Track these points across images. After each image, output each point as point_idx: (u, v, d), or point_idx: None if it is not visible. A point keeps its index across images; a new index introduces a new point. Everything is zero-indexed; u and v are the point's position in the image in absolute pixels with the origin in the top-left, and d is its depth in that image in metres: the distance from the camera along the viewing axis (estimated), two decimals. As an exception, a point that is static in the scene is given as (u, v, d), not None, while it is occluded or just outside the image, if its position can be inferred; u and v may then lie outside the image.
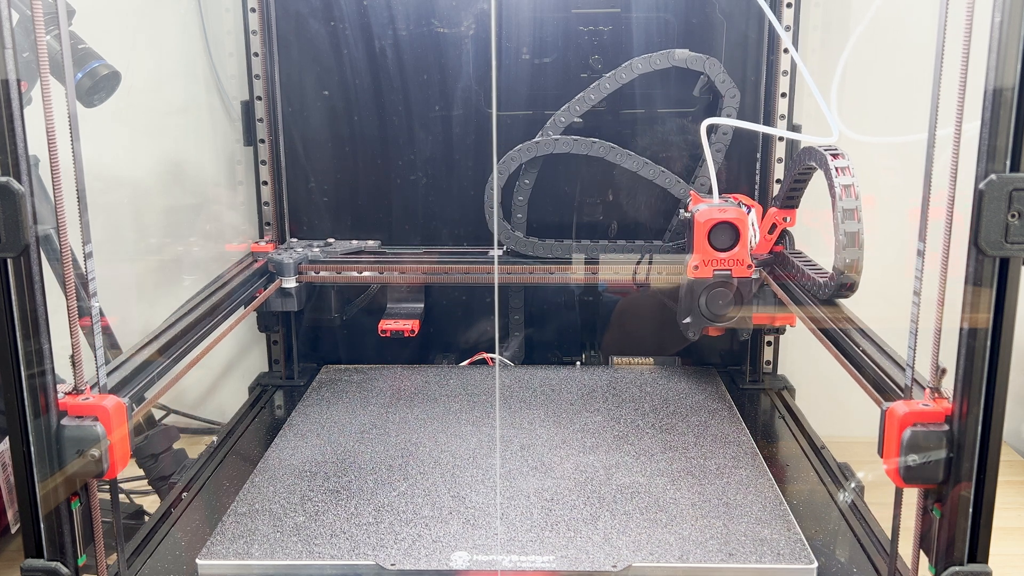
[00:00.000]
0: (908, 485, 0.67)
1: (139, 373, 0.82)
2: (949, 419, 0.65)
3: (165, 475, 1.12)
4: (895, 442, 0.66)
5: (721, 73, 1.21)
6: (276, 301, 1.25)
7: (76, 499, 0.68)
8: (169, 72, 1.37)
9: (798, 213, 1.19)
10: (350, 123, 1.30)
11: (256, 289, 1.21)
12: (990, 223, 0.59)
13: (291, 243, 1.32)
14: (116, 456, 0.68)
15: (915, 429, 0.65)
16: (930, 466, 0.65)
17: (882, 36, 1.35)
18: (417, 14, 1.25)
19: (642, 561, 0.77)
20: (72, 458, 0.67)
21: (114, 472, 0.68)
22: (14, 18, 0.60)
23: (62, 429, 0.66)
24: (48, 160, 0.62)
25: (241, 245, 1.32)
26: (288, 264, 1.23)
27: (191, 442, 1.32)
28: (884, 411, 0.68)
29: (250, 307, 1.17)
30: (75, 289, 0.67)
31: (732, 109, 1.23)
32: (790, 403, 1.23)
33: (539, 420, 1.07)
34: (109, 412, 0.68)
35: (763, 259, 1.21)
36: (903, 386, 0.72)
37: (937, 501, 0.67)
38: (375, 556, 0.78)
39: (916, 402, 0.67)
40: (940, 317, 0.64)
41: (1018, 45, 0.57)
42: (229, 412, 1.25)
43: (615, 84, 1.22)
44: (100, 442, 0.67)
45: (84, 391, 0.69)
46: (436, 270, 1.24)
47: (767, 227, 1.21)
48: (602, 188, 1.30)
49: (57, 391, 0.67)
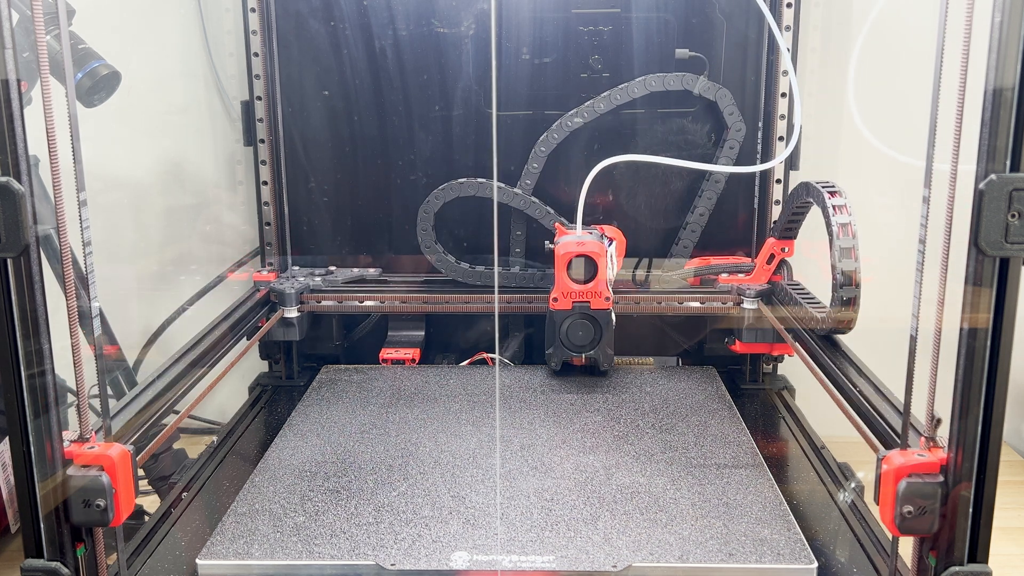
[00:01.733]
0: (903, 535, 0.67)
1: (143, 415, 0.83)
2: (944, 469, 0.66)
3: (165, 475, 1.12)
4: (891, 492, 0.66)
5: (731, 105, 1.23)
6: (278, 331, 1.26)
7: (81, 546, 0.68)
8: (169, 72, 1.37)
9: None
10: (350, 123, 1.30)
11: (259, 319, 1.21)
12: (990, 223, 0.59)
13: (292, 272, 1.33)
14: (121, 504, 0.68)
15: (910, 480, 0.66)
16: (925, 516, 0.65)
17: (881, 36, 1.35)
18: (417, 14, 1.25)
19: (642, 561, 0.77)
20: (79, 507, 0.67)
21: (119, 520, 0.68)
22: (14, 18, 0.60)
23: (68, 479, 0.66)
24: (48, 160, 0.62)
25: (243, 274, 1.33)
26: (290, 294, 1.24)
27: (191, 442, 1.32)
28: (880, 459, 0.69)
29: (254, 338, 1.18)
30: (75, 289, 0.67)
31: (736, 142, 1.24)
32: (790, 403, 1.23)
33: (539, 420, 1.07)
34: (115, 462, 0.67)
35: (760, 289, 1.22)
36: (899, 431, 0.73)
37: (932, 549, 0.67)
38: (375, 556, 0.78)
39: (911, 452, 0.68)
40: (940, 318, 0.64)
41: (1018, 45, 0.57)
42: (229, 412, 1.25)
43: (626, 97, 1.23)
44: (106, 492, 0.66)
45: (90, 439, 0.69)
46: (436, 299, 1.26)
47: (765, 257, 1.22)
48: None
49: (63, 439, 0.67)
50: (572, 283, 1.12)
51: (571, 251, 1.12)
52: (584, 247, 1.12)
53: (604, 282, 1.12)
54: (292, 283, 1.27)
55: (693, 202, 1.28)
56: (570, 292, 1.13)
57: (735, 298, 1.24)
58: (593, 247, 1.12)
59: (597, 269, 1.12)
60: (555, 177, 1.28)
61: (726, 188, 1.28)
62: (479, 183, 1.25)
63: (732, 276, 1.26)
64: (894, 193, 1.32)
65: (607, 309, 1.13)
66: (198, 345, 1.01)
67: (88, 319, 0.68)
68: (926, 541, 0.67)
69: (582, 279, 1.13)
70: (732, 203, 1.30)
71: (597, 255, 1.11)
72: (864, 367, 0.93)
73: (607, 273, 1.13)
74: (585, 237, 1.14)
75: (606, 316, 1.13)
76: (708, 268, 1.27)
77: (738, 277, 1.26)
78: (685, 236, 1.30)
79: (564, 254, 1.12)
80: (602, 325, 1.13)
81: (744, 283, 1.24)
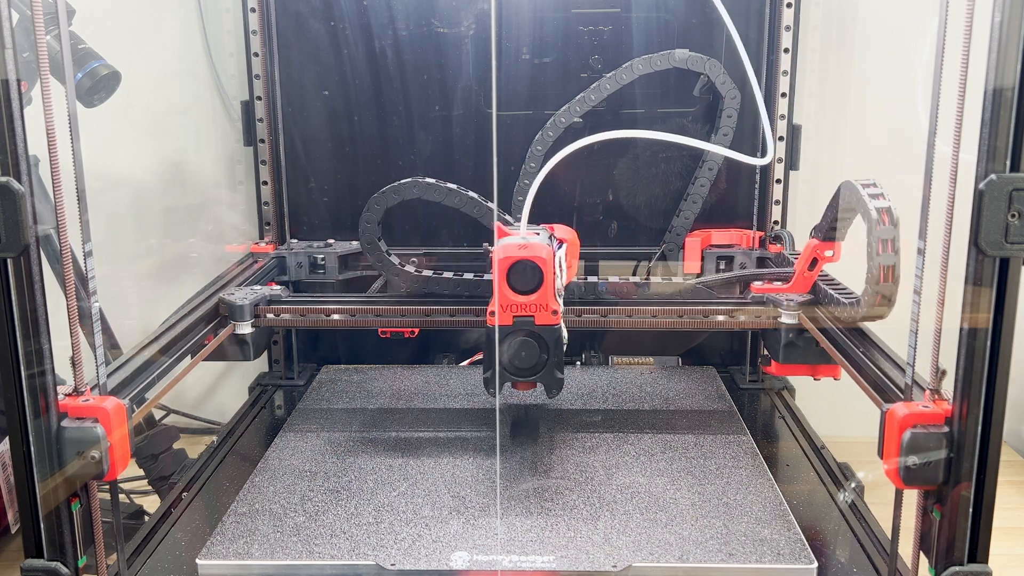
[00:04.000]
0: (908, 487, 0.67)
1: (139, 374, 0.82)
2: (949, 420, 0.65)
3: (165, 475, 1.12)
4: (895, 443, 0.66)
5: (722, 74, 1.21)
6: (229, 349, 1.06)
7: (76, 500, 0.68)
8: (169, 72, 1.37)
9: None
10: (350, 123, 1.30)
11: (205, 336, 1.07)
12: (990, 223, 0.59)
13: (291, 244, 1.31)
14: (116, 457, 0.68)
15: (915, 431, 0.65)
16: (930, 467, 0.65)
17: (880, 36, 1.35)
18: (417, 14, 1.25)
19: (642, 561, 0.77)
20: (72, 459, 0.66)
21: (114, 473, 0.68)
22: (14, 18, 0.60)
23: (62, 430, 0.66)
24: (48, 160, 0.62)
25: (241, 246, 1.32)
26: (242, 306, 1.04)
27: (191, 442, 1.32)
28: (884, 412, 0.68)
29: (196, 359, 1.03)
30: (75, 289, 0.67)
31: (732, 110, 1.23)
32: (790, 403, 1.23)
33: (539, 420, 1.07)
34: (109, 413, 0.67)
35: (802, 300, 1.03)
36: (903, 387, 0.72)
37: (937, 502, 0.67)
38: (375, 556, 0.78)
39: (916, 403, 0.67)
40: (940, 317, 0.64)
41: (1018, 45, 0.57)
42: (229, 412, 1.25)
43: (615, 85, 1.21)
44: (100, 443, 0.66)
45: (84, 392, 0.69)
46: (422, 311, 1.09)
47: (806, 262, 1.03)
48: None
49: (57, 392, 0.67)
50: (513, 294, 0.90)
51: (512, 255, 0.89)
52: (527, 250, 0.89)
53: (552, 293, 0.91)
54: (246, 294, 1.07)
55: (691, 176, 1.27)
56: (511, 305, 0.90)
57: (771, 311, 1.04)
58: (539, 250, 0.89)
59: (543, 277, 0.89)
60: (555, 177, 1.28)
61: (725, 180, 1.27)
62: (416, 183, 1.09)
63: (767, 284, 1.08)
64: (893, 194, 1.32)
65: (555, 325, 0.91)
66: (195, 310, 1.00)
67: (88, 319, 0.68)
68: (931, 494, 0.67)
69: (525, 289, 0.90)
70: (732, 186, 1.29)
71: (543, 260, 0.88)
72: (867, 329, 0.91)
73: (556, 282, 0.92)
74: (531, 238, 0.93)
75: (554, 333, 0.91)
76: (738, 275, 1.14)
77: (774, 286, 1.08)
78: (685, 208, 1.27)
79: (503, 259, 0.88)
80: (549, 344, 0.91)
81: (782, 292, 1.06)
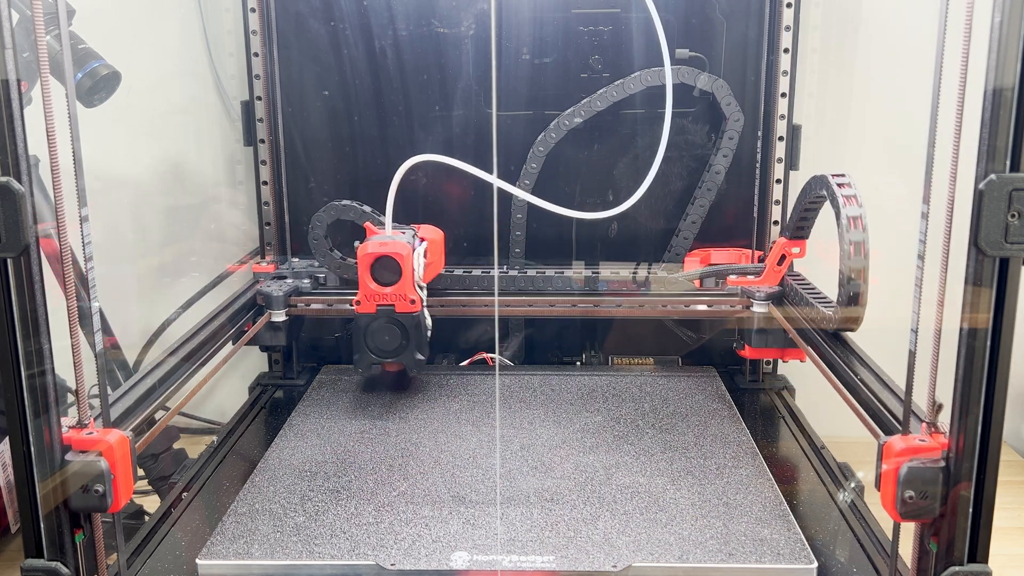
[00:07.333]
0: (905, 520, 0.67)
1: (141, 403, 0.83)
2: (946, 454, 0.65)
3: (165, 475, 1.12)
4: (892, 477, 0.66)
5: (728, 96, 1.22)
6: (266, 335, 1.22)
7: (80, 532, 0.68)
8: (169, 72, 1.37)
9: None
10: (350, 123, 1.30)
11: (245, 323, 1.19)
12: (990, 223, 0.59)
13: (292, 264, 1.31)
14: (120, 490, 0.68)
15: (911, 464, 0.65)
16: (926, 501, 0.65)
17: (881, 36, 1.35)
18: (417, 14, 1.25)
19: (642, 561, 0.77)
20: (77, 493, 0.67)
21: (118, 506, 0.68)
22: (14, 18, 0.60)
23: (67, 464, 0.66)
24: (48, 160, 0.62)
25: (242, 265, 1.32)
26: (278, 297, 1.21)
27: (191, 442, 1.31)
28: (881, 445, 0.68)
29: (239, 343, 1.15)
30: (75, 289, 0.67)
31: (735, 132, 1.24)
32: (790, 403, 1.23)
33: (539, 420, 1.07)
34: (113, 447, 0.68)
35: (770, 291, 1.18)
36: (900, 419, 0.73)
37: (934, 535, 0.67)
38: (375, 556, 0.78)
39: (913, 437, 0.68)
40: (940, 318, 0.64)
41: (1018, 45, 0.57)
42: (229, 412, 1.25)
43: (622, 94, 1.23)
44: (104, 477, 0.66)
45: (88, 425, 0.69)
46: (432, 301, 1.21)
47: (775, 258, 1.18)
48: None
49: (62, 425, 0.67)
50: (377, 285, 1.07)
51: (374, 252, 1.06)
52: (387, 247, 1.05)
53: (411, 284, 1.07)
54: (280, 285, 1.23)
55: (692, 194, 1.28)
56: (373, 295, 1.07)
57: (744, 301, 1.21)
58: (397, 247, 1.05)
59: (402, 271, 1.06)
60: (555, 176, 1.28)
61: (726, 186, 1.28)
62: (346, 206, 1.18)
63: (741, 278, 1.23)
64: (894, 193, 1.32)
65: (414, 312, 1.08)
66: (192, 339, 1.01)
67: (88, 319, 0.68)
68: (927, 527, 0.67)
69: (387, 281, 1.07)
70: (732, 198, 1.30)
71: (401, 256, 1.05)
72: (867, 358, 0.93)
73: (414, 275, 1.07)
74: (396, 236, 1.09)
75: (413, 320, 1.08)
76: (715, 269, 1.25)
77: (747, 279, 1.23)
78: (684, 228, 1.29)
79: (365, 255, 1.06)
80: (408, 329, 1.08)
81: (753, 285, 1.21)
